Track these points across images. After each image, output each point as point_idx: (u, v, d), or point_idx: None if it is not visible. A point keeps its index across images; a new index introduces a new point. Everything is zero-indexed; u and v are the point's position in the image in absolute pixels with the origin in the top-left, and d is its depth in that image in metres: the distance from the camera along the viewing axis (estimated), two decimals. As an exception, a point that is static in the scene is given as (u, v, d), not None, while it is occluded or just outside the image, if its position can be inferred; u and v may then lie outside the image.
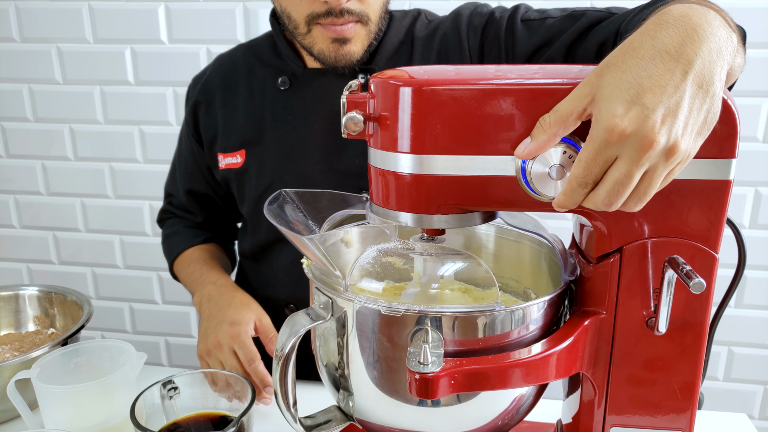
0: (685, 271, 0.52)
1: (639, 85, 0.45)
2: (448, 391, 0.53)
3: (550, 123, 0.49)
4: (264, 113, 0.99)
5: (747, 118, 1.40)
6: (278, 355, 0.58)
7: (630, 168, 0.46)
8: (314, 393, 0.78)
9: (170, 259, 1.13)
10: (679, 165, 0.47)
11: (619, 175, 0.46)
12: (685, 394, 0.59)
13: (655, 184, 0.48)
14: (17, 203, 1.81)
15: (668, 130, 0.45)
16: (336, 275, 0.59)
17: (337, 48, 0.88)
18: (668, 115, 0.45)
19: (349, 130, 0.56)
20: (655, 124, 0.44)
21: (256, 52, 1.03)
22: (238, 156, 1.01)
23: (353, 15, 0.85)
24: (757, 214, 1.49)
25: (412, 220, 0.56)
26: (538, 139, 0.50)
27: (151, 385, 0.70)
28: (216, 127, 1.03)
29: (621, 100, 0.45)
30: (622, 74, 0.46)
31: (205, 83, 1.06)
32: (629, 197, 0.48)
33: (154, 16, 1.59)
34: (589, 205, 0.50)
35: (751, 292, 1.54)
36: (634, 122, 0.44)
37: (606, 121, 0.45)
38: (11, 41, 1.67)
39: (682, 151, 0.46)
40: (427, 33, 0.97)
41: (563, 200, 0.50)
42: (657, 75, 0.45)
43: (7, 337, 1.02)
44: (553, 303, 0.59)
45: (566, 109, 0.48)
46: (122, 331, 1.86)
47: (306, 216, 0.68)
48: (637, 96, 0.45)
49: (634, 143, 0.45)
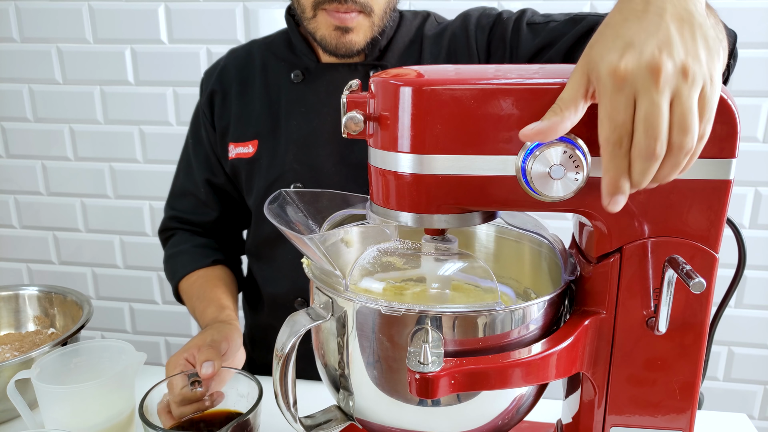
0: (685, 270, 0.52)
1: (623, 36, 0.46)
2: (448, 390, 0.53)
3: (561, 107, 0.48)
4: (279, 106, 1.00)
5: (747, 118, 1.40)
6: (278, 355, 0.58)
7: (652, 97, 0.44)
8: (314, 393, 0.78)
9: (174, 282, 1.10)
10: (706, 87, 0.45)
11: (646, 110, 0.44)
12: (685, 394, 0.59)
13: (691, 108, 0.45)
14: (17, 203, 1.81)
15: (669, 55, 0.45)
16: (336, 275, 0.59)
17: (339, 36, 0.90)
18: (663, 45, 0.45)
19: (349, 129, 0.56)
20: (653, 53, 0.45)
21: (271, 48, 1.05)
22: (249, 146, 1.01)
23: (357, 4, 0.87)
24: (757, 214, 1.49)
25: (412, 220, 0.56)
26: (551, 119, 0.48)
27: (159, 383, 0.71)
28: (229, 117, 1.04)
29: (612, 52, 0.46)
30: (603, 40, 0.47)
31: (221, 73, 1.06)
32: (676, 132, 0.45)
33: (154, 16, 1.60)
34: (640, 168, 0.46)
35: (751, 292, 1.54)
36: (633, 59, 0.45)
37: (606, 70, 0.45)
38: (11, 41, 1.67)
39: (695, 69, 0.45)
40: (437, 32, 1.00)
41: (612, 180, 0.47)
42: (635, 27, 0.46)
43: (7, 337, 1.02)
44: (553, 303, 0.59)
45: (569, 93, 0.48)
46: (122, 331, 1.86)
47: (306, 216, 0.68)
48: (625, 44, 0.46)
49: (642, 75, 0.44)
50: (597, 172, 0.53)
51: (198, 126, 1.10)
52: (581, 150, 0.51)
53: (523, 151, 0.52)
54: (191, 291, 1.05)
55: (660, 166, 0.47)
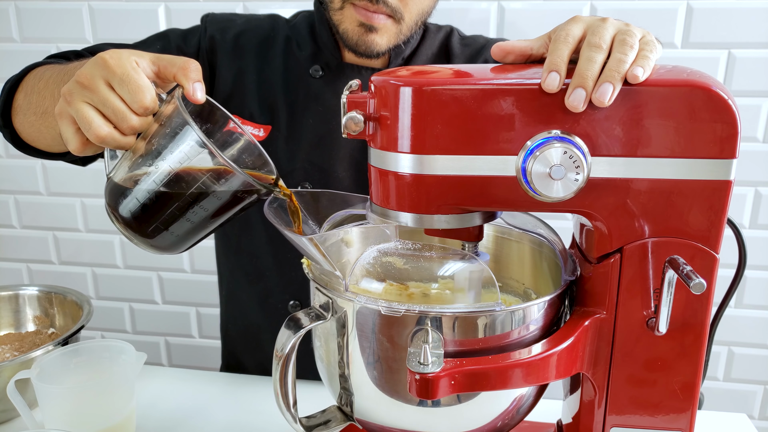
0: (685, 271, 0.52)
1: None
2: (448, 391, 0.53)
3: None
4: (296, 97, 0.97)
5: (747, 118, 1.40)
6: (278, 355, 0.58)
7: (599, 23, 0.54)
8: (314, 393, 0.78)
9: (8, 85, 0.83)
10: (645, 36, 0.55)
11: (593, 24, 0.55)
12: (685, 394, 0.59)
13: (630, 31, 0.54)
14: (17, 203, 1.80)
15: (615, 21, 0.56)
16: (336, 275, 0.59)
17: (362, 33, 0.88)
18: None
19: (349, 130, 0.56)
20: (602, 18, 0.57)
21: (294, 32, 1.00)
22: (261, 129, 0.98)
23: (388, 7, 0.85)
24: (757, 214, 1.49)
25: (412, 220, 0.56)
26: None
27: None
28: (243, 89, 0.98)
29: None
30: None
31: (237, 36, 0.98)
32: (617, 41, 0.53)
33: (154, 16, 1.59)
34: (587, 56, 0.52)
35: (751, 292, 1.54)
36: (588, 17, 0.57)
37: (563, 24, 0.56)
38: (11, 41, 1.67)
39: (633, 29, 0.55)
40: (470, 53, 1.00)
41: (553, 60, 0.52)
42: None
43: (7, 337, 1.02)
44: (554, 303, 0.59)
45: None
46: (122, 331, 1.86)
47: (306, 216, 0.68)
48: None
49: (592, 19, 0.56)
50: (597, 172, 0.53)
51: (175, 40, 0.99)
52: (581, 150, 0.51)
53: (524, 152, 0.52)
54: (50, 71, 0.80)
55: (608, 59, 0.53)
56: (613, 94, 0.50)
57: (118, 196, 0.60)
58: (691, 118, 0.51)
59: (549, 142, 0.51)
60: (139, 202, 0.59)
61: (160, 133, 0.59)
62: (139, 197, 0.59)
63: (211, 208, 0.60)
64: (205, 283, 1.70)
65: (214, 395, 0.91)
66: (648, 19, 1.33)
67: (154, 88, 0.60)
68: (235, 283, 1.09)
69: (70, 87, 0.61)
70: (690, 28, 1.33)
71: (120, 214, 0.61)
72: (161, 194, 0.58)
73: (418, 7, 0.89)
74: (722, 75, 1.36)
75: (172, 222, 0.60)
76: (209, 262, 1.66)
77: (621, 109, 0.52)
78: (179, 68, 0.61)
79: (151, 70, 0.62)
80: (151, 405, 0.88)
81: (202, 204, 0.59)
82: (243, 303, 1.08)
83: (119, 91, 0.59)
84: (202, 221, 0.61)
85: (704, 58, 1.35)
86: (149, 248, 0.63)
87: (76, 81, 0.60)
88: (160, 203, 0.59)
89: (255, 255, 1.03)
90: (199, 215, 0.60)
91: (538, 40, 0.58)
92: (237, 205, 0.61)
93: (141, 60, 0.62)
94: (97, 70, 0.60)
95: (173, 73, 0.61)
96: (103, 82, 0.60)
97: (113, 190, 0.61)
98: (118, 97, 0.59)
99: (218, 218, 0.61)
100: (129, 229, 0.61)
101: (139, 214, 0.60)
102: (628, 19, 0.59)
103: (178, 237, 0.62)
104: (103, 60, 0.60)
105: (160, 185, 0.58)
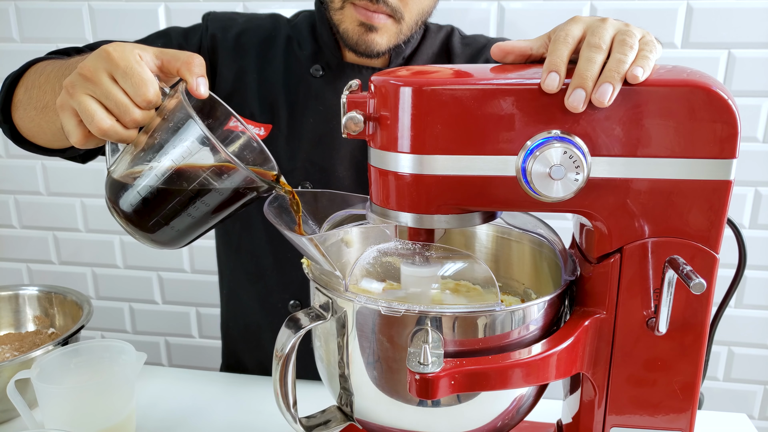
0: (685, 271, 0.52)
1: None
2: (448, 391, 0.53)
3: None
4: (297, 96, 0.97)
5: (747, 118, 1.40)
6: (278, 355, 0.58)
7: (598, 23, 0.55)
8: (314, 393, 0.78)
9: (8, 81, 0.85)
10: (645, 36, 0.55)
11: (592, 24, 0.55)
12: (685, 394, 0.59)
13: (629, 31, 0.54)
14: (17, 203, 1.80)
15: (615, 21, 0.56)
16: (336, 275, 0.59)
17: (362, 32, 0.88)
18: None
19: (349, 130, 0.56)
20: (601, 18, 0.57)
21: (295, 32, 1.01)
22: (262, 128, 0.98)
23: (388, 7, 0.85)
24: (757, 214, 1.49)
25: (412, 220, 0.56)
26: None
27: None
28: (244, 87, 0.98)
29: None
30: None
31: (239, 34, 0.99)
32: (617, 41, 0.53)
33: (154, 15, 1.59)
34: (586, 56, 0.52)
35: (751, 292, 1.54)
36: (587, 17, 0.57)
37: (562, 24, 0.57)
38: (11, 41, 1.67)
39: (633, 29, 0.55)
40: (470, 53, 0.99)
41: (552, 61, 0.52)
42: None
43: (7, 337, 1.02)
44: (553, 303, 0.59)
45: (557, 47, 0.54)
46: (122, 331, 1.86)
47: (306, 216, 0.68)
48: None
49: (593, 20, 0.55)
50: (597, 172, 0.53)
51: (174, 38, 0.99)
52: (581, 150, 0.51)
53: (523, 152, 0.52)
54: (50, 66, 0.81)
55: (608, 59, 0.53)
56: (613, 94, 0.50)
57: (119, 190, 0.60)
58: (691, 118, 0.51)
59: (549, 142, 0.51)
60: (140, 196, 0.59)
61: (163, 127, 0.59)
62: (140, 191, 0.59)
63: (212, 203, 0.60)
64: (205, 283, 1.70)
65: (214, 395, 0.91)
66: (648, 19, 1.33)
67: (157, 82, 0.60)
68: (236, 283, 1.09)
69: (73, 79, 0.60)
70: (690, 28, 1.33)
71: (121, 208, 0.61)
72: (162, 189, 0.58)
73: (418, 7, 0.89)
74: (722, 75, 1.36)
75: (173, 217, 0.60)
76: (209, 261, 1.66)
77: (621, 109, 0.52)
78: (183, 62, 0.61)
79: (154, 63, 0.62)
80: (151, 405, 0.88)
81: (203, 199, 0.59)
82: (243, 302, 1.08)
83: (122, 84, 0.59)
84: (203, 216, 0.61)
85: (704, 58, 1.35)
86: (149, 243, 0.63)
87: (78, 73, 0.60)
88: (162, 198, 0.59)
89: (255, 254, 1.03)
90: (200, 210, 0.60)
91: (537, 40, 0.58)
92: (239, 200, 0.61)
93: (145, 53, 0.61)
94: (101, 62, 0.59)
95: (177, 68, 0.61)
96: (106, 74, 0.59)
97: (114, 183, 0.61)
98: (121, 90, 0.59)
99: (219, 214, 0.61)
100: (129, 224, 0.61)
101: (140, 209, 0.60)
102: (628, 19, 0.59)
103: (178, 232, 0.62)
104: (107, 52, 0.60)
105: (162, 180, 0.58)
